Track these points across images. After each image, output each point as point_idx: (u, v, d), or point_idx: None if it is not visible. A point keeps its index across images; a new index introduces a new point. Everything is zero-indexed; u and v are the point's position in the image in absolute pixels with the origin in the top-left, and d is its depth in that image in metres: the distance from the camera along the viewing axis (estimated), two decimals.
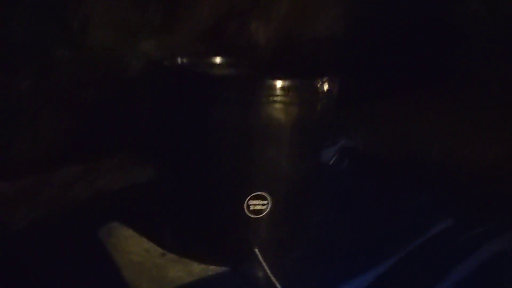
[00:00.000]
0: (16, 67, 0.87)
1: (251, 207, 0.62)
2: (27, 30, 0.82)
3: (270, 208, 0.63)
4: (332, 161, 1.04)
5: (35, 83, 0.90)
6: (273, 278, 0.61)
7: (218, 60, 0.77)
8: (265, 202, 0.63)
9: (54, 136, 0.98)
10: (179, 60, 0.72)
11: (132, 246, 0.71)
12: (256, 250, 0.64)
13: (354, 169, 1.03)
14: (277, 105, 0.60)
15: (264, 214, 0.63)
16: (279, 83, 0.59)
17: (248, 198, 0.62)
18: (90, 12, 0.85)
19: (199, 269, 0.64)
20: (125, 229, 0.75)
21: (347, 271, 0.65)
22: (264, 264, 0.62)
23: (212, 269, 0.65)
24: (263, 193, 0.62)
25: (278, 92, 0.59)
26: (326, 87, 0.64)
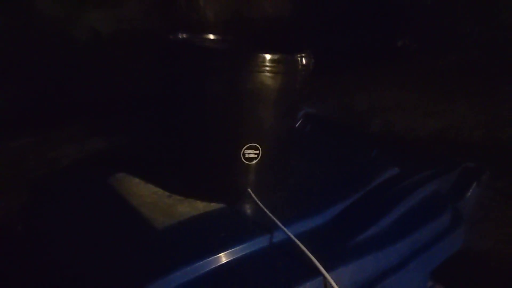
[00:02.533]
0: None
1: (246, 155, 0.78)
2: None
3: (260, 157, 0.79)
4: (298, 124, 1.22)
5: None
6: (270, 214, 0.76)
7: (211, 36, 0.91)
8: (257, 151, 0.79)
9: (2, 106, 1.03)
10: (180, 35, 0.86)
11: (142, 191, 0.85)
12: (249, 190, 0.80)
13: (315, 131, 1.22)
14: (268, 74, 0.75)
15: (255, 161, 0.79)
16: (268, 56, 0.74)
17: (244, 148, 0.78)
18: None
19: (202, 206, 0.80)
20: (132, 177, 0.89)
21: (317, 206, 0.82)
22: (256, 200, 0.79)
23: (213, 205, 0.80)
24: (255, 144, 0.78)
25: (268, 63, 0.75)
26: (304, 62, 0.80)
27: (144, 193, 0.84)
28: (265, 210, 0.76)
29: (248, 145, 0.78)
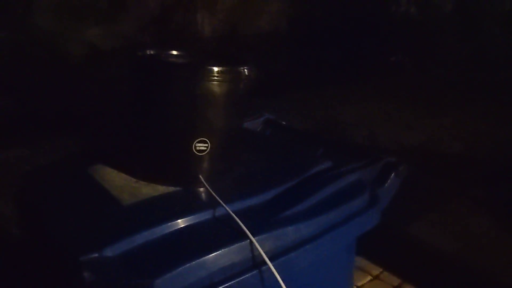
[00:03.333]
0: None
1: (197, 148, 0.97)
2: None
3: (209, 149, 0.98)
4: (259, 128, 1.41)
5: None
6: (213, 193, 0.95)
7: (173, 52, 1.11)
8: (206, 145, 0.98)
9: None
10: (148, 51, 1.05)
11: (114, 177, 1.03)
12: (200, 176, 0.99)
13: (274, 135, 1.41)
14: (215, 82, 0.95)
15: (205, 153, 0.98)
16: (216, 68, 0.94)
17: (196, 141, 0.97)
18: None
19: (162, 189, 0.99)
20: (107, 167, 1.07)
21: (256, 190, 1.01)
22: (206, 185, 0.98)
23: (171, 188, 0.99)
24: (205, 139, 0.97)
25: (216, 74, 0.94)
26: (246, 73, 0.99)
27: (115, 179, 1.03)
28: (211, 191, 0.95)
29: (199, 139, 0.97)
